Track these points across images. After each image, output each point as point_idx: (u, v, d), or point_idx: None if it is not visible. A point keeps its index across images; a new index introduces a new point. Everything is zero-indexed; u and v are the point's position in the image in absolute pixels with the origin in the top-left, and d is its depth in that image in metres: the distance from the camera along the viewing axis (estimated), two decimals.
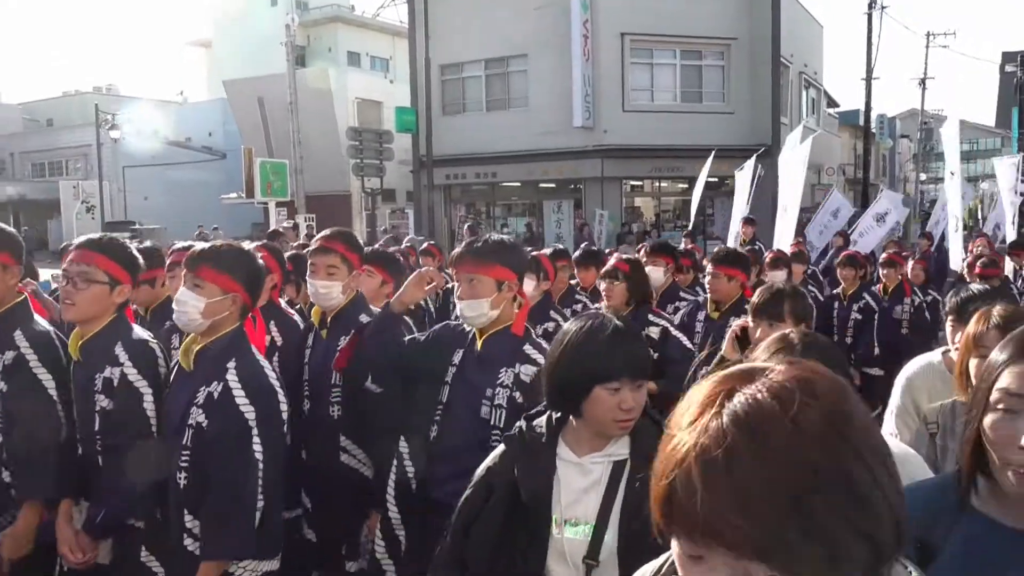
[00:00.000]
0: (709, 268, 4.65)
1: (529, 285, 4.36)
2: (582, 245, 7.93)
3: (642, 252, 5.41)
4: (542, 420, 2.00)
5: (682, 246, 10.98)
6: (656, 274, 5.15)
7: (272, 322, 3.69)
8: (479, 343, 2.79)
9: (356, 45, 37.48)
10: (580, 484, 1.90)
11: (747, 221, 11.29)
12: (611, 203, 22.27)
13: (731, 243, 10.85)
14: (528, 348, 2.75)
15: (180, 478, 2.45)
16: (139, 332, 2.80)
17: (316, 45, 36.47)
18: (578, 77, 21.39)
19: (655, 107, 22.27)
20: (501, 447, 2.07)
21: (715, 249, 5.95)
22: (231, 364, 2.47)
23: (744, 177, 12.39)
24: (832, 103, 33.48)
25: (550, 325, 4.42)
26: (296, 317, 3.90)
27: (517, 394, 2.66)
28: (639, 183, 24.59)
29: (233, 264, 2.57)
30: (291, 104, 23.96)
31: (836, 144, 33.13)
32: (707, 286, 4.61)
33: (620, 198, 23.19)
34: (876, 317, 6.72)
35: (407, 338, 3.06)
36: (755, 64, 22.17)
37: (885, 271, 7.15)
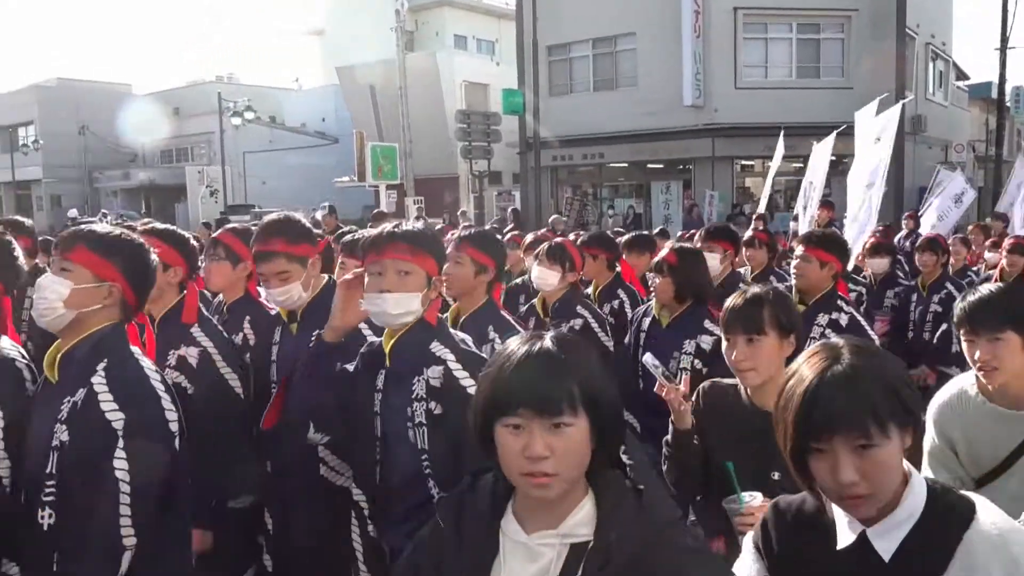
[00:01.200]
0: (798, 250, 3.91)
1: (553, 276, 4.01)
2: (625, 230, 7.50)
3: (696, 237, 4.77)
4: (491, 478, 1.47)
5: (750, 231, 10.40)
6: (712, 262, 4.41)
7: (247, 318, 3.27)
8: (388, 353, 2.34)
9: (463, 28, 37.77)
10: (526, 572, 1.36)
11: (825, 204, 10.40)
12: (722, 184, 21.71)
13: (804, 228, 10.04)
14: (435, 346, 2.29)
15: (43, 517, 1.92)
16: (3, 345, 2.28)
17: (424, 29, 36.94)
18: (688, 54, 20.88)
19: (769, 84, 21.52)
20: None
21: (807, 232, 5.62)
22: (100, 365, 1.99)
23: (822, 154, 11.54)
24: (961, 75, 31.48)
25: (577, 322, 3.93)
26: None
27: (433, 404, 2.22)
28: (751, 163, 23.86)
29: (114, 249, 2.09)
30: (400, 88, 24.41)
31: (965, 119, 31.18)
32: (792, 271, 3.90)
33: (731, 178, 22.58)
34: None
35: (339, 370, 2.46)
36: (878, 36, 21.02)
37: (989, 255, 6.33)
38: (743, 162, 23.47)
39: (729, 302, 2.40)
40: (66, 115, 41.02)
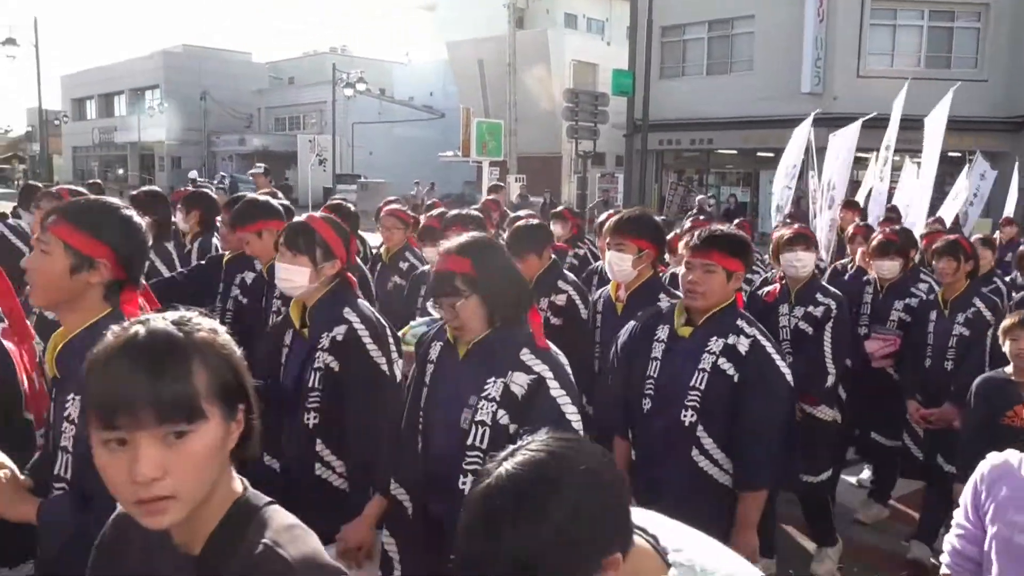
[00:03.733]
0: (690, 255, 2.81)
1: (298, 273, 2.71)
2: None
3: (604, 231, 3.76)
4: None
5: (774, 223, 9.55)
6: (621, 265, 3.43)
7: None
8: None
9: (573, 7, 37.45)
10: None
11: (850, 205, 9.21)
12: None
13: (823, 232, 8.93)
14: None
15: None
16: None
17: (534, 7, 36.80)
18: (809, 39, 20.10)
19: (894, 73, 20.45)
20: None
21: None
22: None
23: (844, 148, 10.39)
24: None
25: (340, 331, 2.63)
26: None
27: None
28: (867, 155, 22.86)
29: None
30: (510, 65, 24.42)
31: None
32: (685, 285, 2.81)
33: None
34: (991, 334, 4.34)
35: None
36: (1018, 26, 19.74)
37: None
38: (860, 154, 22.45)
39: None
40: (189, 80, 42.87)
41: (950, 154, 20.03)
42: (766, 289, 4.40)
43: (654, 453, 2.80)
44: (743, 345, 2.68)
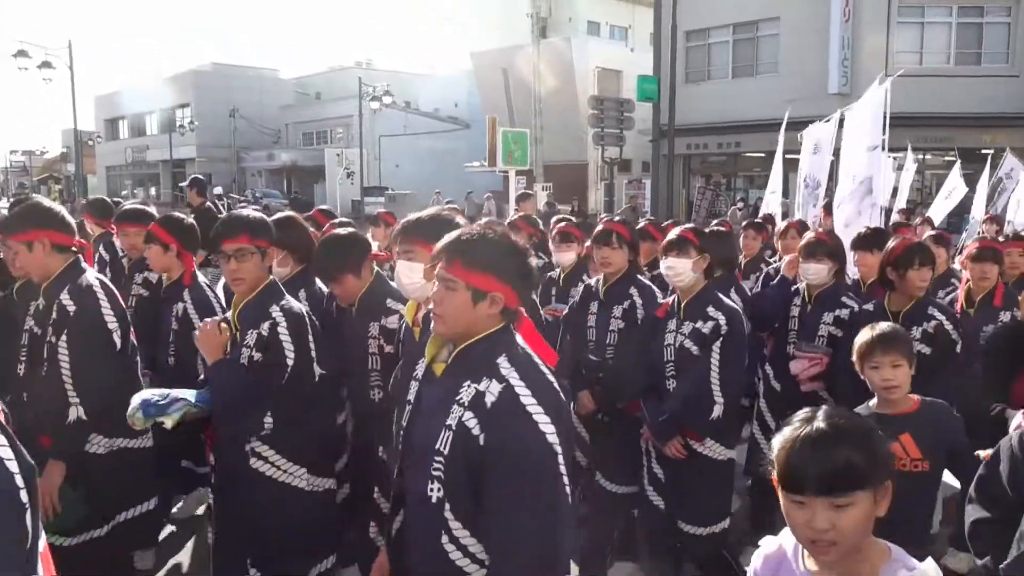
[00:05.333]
0: (440, 269, 1.97)
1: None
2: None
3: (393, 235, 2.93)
4: None
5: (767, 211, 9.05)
6: (411, 277, 2.64)
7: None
8: None
9: (596, 14, 37.51)
10: None
11: (828, 209, 8.48)
12: None
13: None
14: None
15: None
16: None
17: (557, 15, 36.91)
18: (836, 40, 19.98)
19: (923, 71, 20.24)
20: None
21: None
22: None
23: (824, 141, 9.75)
24: None
25: None
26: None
27: None
28: (899, 155, 22.58)
29: None
30: (534, 74, 24.51)
31: None
32: (431, 307, 2.03)
33: None
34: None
35: None
36: None
37: (980, 268, 4.22)
38: (892, 155, 22.21)
39: None
40: (219, 98, 43.51)
41: (982, 151, 19.78)
42: (659, 303, 3.81)
43: (406, 535, 2.04)
44: (492, 394, 1.82)
